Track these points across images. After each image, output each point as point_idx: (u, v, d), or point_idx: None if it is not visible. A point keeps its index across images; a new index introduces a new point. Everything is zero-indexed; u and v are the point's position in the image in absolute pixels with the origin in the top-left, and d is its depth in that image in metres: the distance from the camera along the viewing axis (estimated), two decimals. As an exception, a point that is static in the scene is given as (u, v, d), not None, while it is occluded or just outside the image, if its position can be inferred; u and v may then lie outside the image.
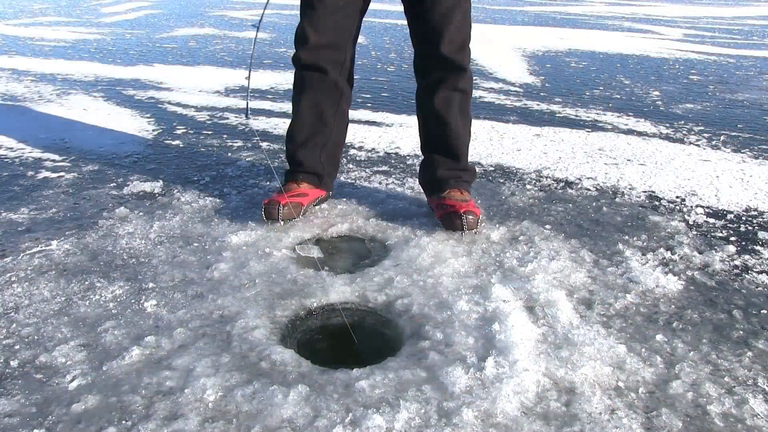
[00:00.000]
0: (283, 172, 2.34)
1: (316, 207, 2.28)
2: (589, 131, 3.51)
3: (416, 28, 2.08)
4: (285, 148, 2.26)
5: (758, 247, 2.06)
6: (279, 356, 1.41)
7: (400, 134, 3.37)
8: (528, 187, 2.59)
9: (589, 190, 2.57)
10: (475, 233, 2.03)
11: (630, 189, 2.59)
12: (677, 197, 2.50)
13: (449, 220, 2.04)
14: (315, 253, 1.99)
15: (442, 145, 2.16)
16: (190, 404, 1.26)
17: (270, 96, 4.37)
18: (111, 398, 1.28)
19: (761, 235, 2.16)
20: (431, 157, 2.20)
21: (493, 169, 2.82)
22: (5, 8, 10.53)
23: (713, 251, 2.01)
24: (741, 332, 1.57)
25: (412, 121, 3.64)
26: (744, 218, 2.31)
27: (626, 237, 2.10)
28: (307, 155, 2.20)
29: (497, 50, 6.35)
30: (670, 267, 1.90)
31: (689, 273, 1.87)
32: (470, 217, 2.01)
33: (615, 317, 1.62)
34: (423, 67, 2.11)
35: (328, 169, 2.25)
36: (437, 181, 2.16)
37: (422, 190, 2.31)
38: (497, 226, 2.13)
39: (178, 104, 4.09)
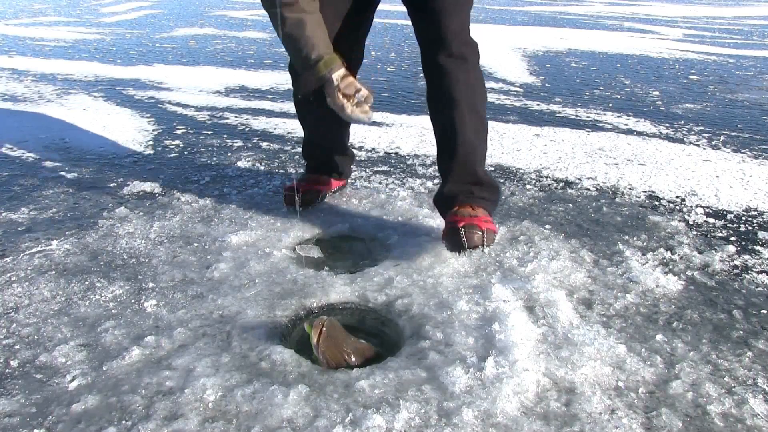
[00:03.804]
0: (303, 164, 2.48)
1: (316, 207, 2.28)
2: (589, 131, 3.51)
3: (417, 31, 1.94)
4: (302, 152, 2.40)
5: (758, 247, 2.06)
6: (279, 356, 1.41)
7: (400, 134, 3.37)
8: (528, 187, 2.59)
9: (589, 190, 2.57)
10: (483, 250, 1.83)
11: (630, 189, 2.59)
12: (677, 197, 2.50)
13: (447, 237, 1.86)
14: (315, 253, 1.99)
15: (452, 155, 1.93)
16: (190, 404, 1.26)
17: (270, 96, 4.37)
18: (111, 398, 1.28)
19: (761, 235, 2.16)
20: (442, 170, 2.01)
21: (493, 169, 2.82)
22: (5, 8, 10.53)
23: (713, 251, 2.01)
24: (741, 332, 1.57)
25: (412, 121, 3.65)
26: (744, 218, 2.31)
27: (626, 237, 2.10)
28: (321, 156, 2.32)
29: (497, 50, 6.35)
30: (670, 267, 1.90)
31: (689, 273, 1.87)
32: (471, 230, 1.78)
33: (615, 317, 1.62)
34: (427, 71, 1.94)
35: (344, 162, 2.35)
36: (445, 198, 1.96)
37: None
38: (497, 226, 2.13)
39: (178, 104, 4.09)
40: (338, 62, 1.80)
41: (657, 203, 2.44)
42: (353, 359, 1.40)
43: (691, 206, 2.40)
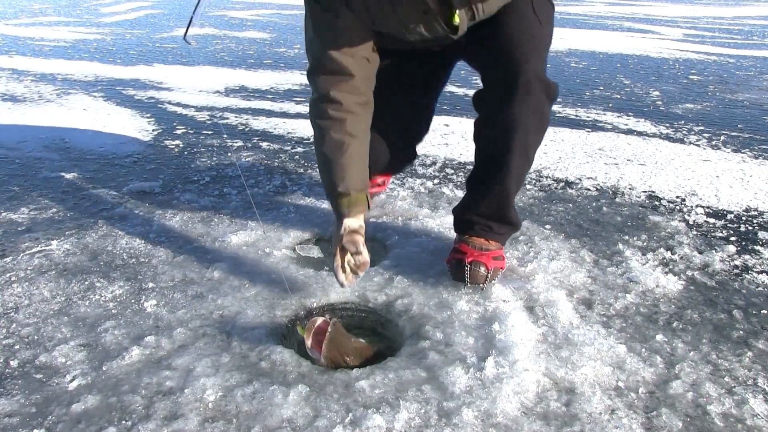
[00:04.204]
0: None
1: (317, 206, 2.28)
2: (589, 131, 3.51)
3: (486, 65, 1.69)
4: None
5: (758, 247, 2.06)
6: (279, 356, 1.41)
7: (400, 134, 3.36)
8: (528, 187, 2.59)
9: (589, 190, 2.57)
10: (482, 288, 1.71)
11: (630, 189, 2.59)
12: (677, 197, 2.50)
13: (453, 268, 1.75)
14: (315, 253, 1.99)
15: (486, 191, 1.75)
16: (190, 404, 1.26)
17: (270, 96, 4.37)
18: (111, 398, 1.28)
19: (761, 235, 2.16)
20: (471, 192, 1.85)
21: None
22: (5, 8, 10.54)
23: (713, 251, 2.01)
24: (741, 332, 1.57)
25: (412, 121, 3.65)
26: (744, 218, 2.31)
27: (626, 237, 2.10)
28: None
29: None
30: (670, 267, 1.90)
31: (689, 273, 1.87)
32: (476, 268, 1.68)
33: (615, 317, 1.62)
34: (489, 98, 1.67)
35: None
36: (463, 221, 1.83)
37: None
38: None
39: (178, 104, 4.09)
40: (360, 207, 1.61)
41: (657, 203, 2.44)
42: (353, 360, 1.41)
43: (691, 206, 2.40)
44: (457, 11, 1.50)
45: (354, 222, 1.60)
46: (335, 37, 1.55)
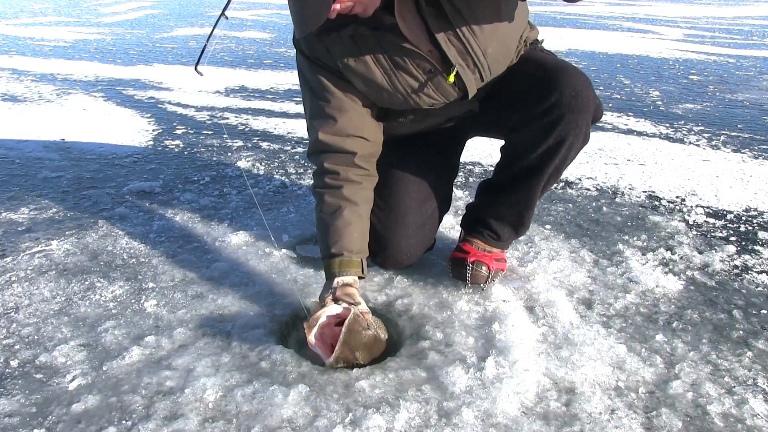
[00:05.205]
0: None
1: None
2: (589, 131, 3.50)
3: (525, 84, 1.62)
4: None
5: (758, 247, 2.06)
6: (279, 356, 1.41)
7: (400, 134, 3.36)
8: (528, 187, 2.59)
9: (589, 190, 2.57)
10: (482, 288, 1.72)
11: (630, 189, 2.59)
12: (677, 197, 2.50)
13: (453, 264, 1.76)
14: (315, 253, 1.99)
15: (510, 203, 1.73)
16: (190, 404, 1.26)
17: (270, 96, 4.37)
18: (111, 398, 1.28)
19: (761, 235, 2.16)
20: (489, 195, 1.82)
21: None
22: (5, 8, 10.54)
23: (713, 251, 2.01)
24: (741, 332, 1.57)
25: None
26: (744, 218, 2.31)
27: (626, 237, 2.10)
28: None
29: (497, 50, 6.34)
30: (670, 267, 1.90)
31: (689, 273, 1.87)
32: (478, 268, 1.69)
33: (615, 317, 1.62)
34: (537, 115, 1.58)
35: None
36: (473, 220, 1.81)
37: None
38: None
39: (178, 104, 4.09)
40: (354, 270, 1.56)
41: (657, 203, 2.44)
42: (362, 357, 1.40)
43: (691, 206, 2.40)
44: (458, 68, 1.47)
45: (347, 278, 1.54)
46: (328, 122, 1.57)
